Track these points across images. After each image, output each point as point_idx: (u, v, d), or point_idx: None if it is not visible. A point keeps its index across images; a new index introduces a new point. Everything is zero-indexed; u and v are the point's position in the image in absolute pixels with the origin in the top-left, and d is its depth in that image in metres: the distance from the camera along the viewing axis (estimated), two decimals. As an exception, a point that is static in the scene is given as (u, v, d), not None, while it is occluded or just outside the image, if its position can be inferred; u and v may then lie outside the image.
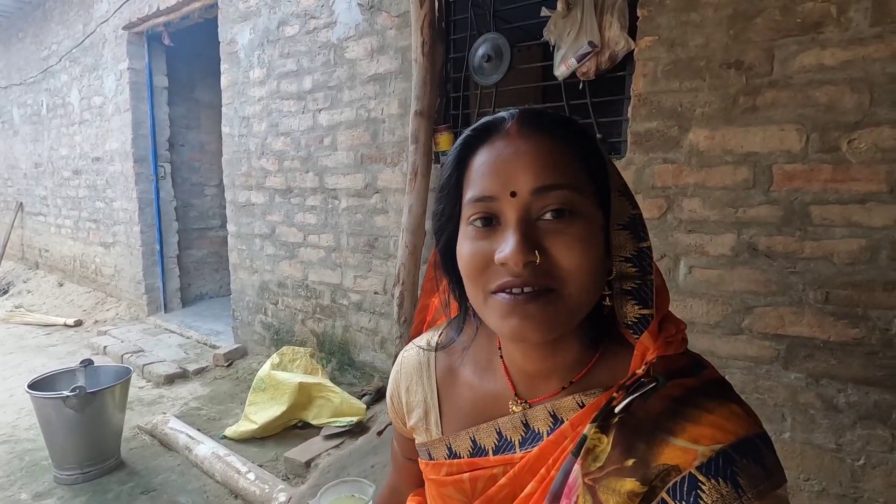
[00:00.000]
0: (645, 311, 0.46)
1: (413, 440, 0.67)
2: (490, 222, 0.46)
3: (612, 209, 0.46)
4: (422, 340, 0.65)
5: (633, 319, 0.47)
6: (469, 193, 0.48)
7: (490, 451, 0.54)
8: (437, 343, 0.63)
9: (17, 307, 4.80)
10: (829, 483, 1.50)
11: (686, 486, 0.40)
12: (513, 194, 0.45)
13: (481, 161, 0.47)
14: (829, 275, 1.45)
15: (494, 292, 0.46)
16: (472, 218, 0.47)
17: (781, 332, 1.52)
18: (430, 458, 0.59)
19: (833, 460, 1.49)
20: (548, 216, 0.45)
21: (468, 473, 0.55)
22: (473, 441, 0.55)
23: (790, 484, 1.55)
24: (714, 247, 1.61)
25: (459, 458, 0.56)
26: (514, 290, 0.45)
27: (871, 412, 1.43)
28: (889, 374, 1.40)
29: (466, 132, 0.50)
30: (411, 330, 0.70)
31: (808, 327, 1.49)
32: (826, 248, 1.45)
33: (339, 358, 2.77)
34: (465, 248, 0.48)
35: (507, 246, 0.44)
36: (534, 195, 0.44)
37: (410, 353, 0.65)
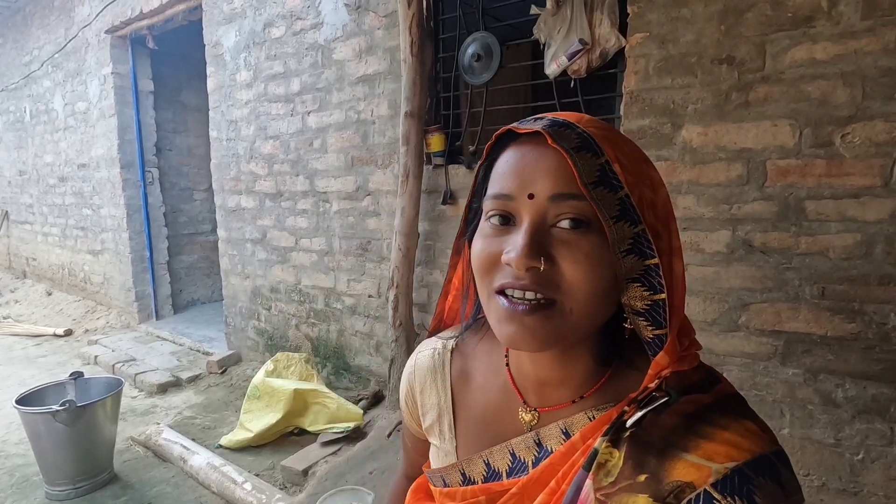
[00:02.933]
0: (658, 332, 0.44)
1: (425, 441, 0.66)
2: (507, 221, 0.46)
3: (609, 238, 0.43)
4: (427, 348, 0.65)
5: (649, 339, 0.45)
6: (490, 190, 0.48)
7: (504, 474, 0.53)
8: (444, 345, 0.62)
9: (4, 318, 4.71)
10: (828, 478, 1.50)
11: (701, 503, 0.39)
12: (530, 196, 0.44)
13: (506, 160, 0.47)
14: (824, 270, 1.45)
15: (498, 292, 0.46)
16: (489, 214, 0.47)
17: (778, 328, 1.52)
18: (445, 485, 0.58)
19: (832, 455, 1.49)
20: (563, 224, 0.44)
21: (483, 497, 0.54)
22: (487, 464, 0.55)
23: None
24: (709, 244, 1.60)
25: (474, 483, 0.55)
26: (516, 296, 0.44)
27: (869, 406, 1.43)
28: (886, 367, 1.40)
29: (502, 130, 0.49)
30: (432, 320, 0.69)
31: (804, 323, 1.48)
32: (821, 243, 1.45)
33: (334, 363, 2.75)
34: (478, 244, 0.48)
35: (514, 248, 0.43)
36: (551, 201, 0.44)
37: (424, 355, 0.64)
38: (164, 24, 3.60)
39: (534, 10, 1.84)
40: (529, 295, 0.43)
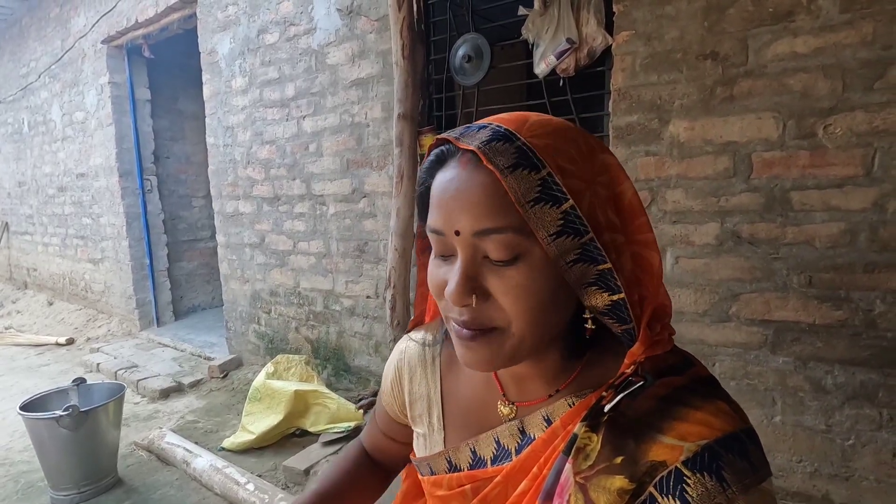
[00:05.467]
0: (626, 327, 0.45)
1: (400, 425, 0.68)
2: (447, 252, 0.47)
3: (550, 257, 0.43)
4: (418, 335, 0.66)
5: (619, 332, 0.47)
6: (428, 219, 0.48)
7: (489, 462, 0.55)
8: (434, 338, 0.64)
9: (7, 328, 4.74)
10: (820, 463, 1.52)
11: (672, 480, 0.41)
12: (457, 233, 0.44)
13: (436, 187, 0.47)
14: (811, 259, 1.47)
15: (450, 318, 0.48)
16: (432, 245, 0.48)
17: (768, 317, 1.55)
18: (432, 473, 0.60)
19: (824, 441, 1.51)
20: (492, 257, 0.44)
21: (469, 485, 0.55)
22: (473, 452, 0.56)
23: (784, 466, 1.57)
24: (699, 236, 1.63)
25: (460, 470, 0.57)
26: (460, 325, 0.46)
27: (858, 392, 1.45)
28: (874, 353, 1.42)
29: (435, 149, 0.49)
30: (411, 323, 0.70)
31: (793, 311, 1.51)
32: (807, 233, 1.47)
33: (334, 364, 2.77)
34: (430, 271, 0.49)
35: (449, 284, 0.45)
36: (475, 237, 0.44)
37: (415, 343, 0.65)
38: (159, 32, 3.64)
39: (522, 10, 1.87)
40: (470, 328, 0.45)
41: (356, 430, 2.24)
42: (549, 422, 0.51)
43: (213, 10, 3.09)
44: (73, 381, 2.23)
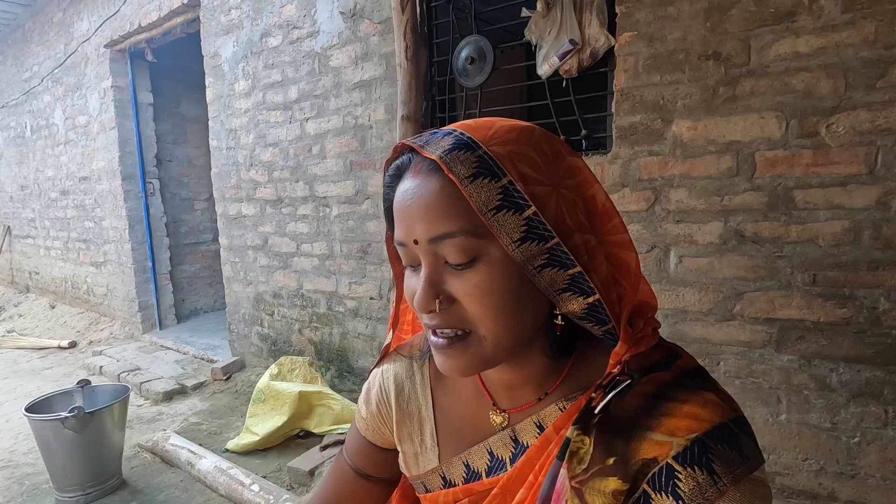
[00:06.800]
0: (607, 328, 0.45)
1: (382, 452, 0.65)
2: (414, 262, 0.48)
3: (516, 260, 0.43)
4: (403, 355, 0.65)
5: (600, 335, 0.47)
6: (395, 233, 0.49)
7: (483, 474, 0.54)
8: (421, 352, 0.63)
9: (9, 332, 4.74)
10: (826, 461, 1.52)
11: (664, 476, 0.41)
12: (415, 242, 0.45)
13: (396, 200, 0.47)
14: (815, 257, 1.48)
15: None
16: (401, 256, 0.49)
17: (772, 315, 1.55)
18: (427, 491, 0.59)
19: (829, 439, 1.51)
20: (449, 261, 0.45)
21: (466, 499, 0.55)
22: (467, 465, 0.55)
23: (789, 464, 1.57)
24: (702, 235, 1.63)
25: (455, 486, 0.56)
26: (437, 332, 0.47)
27: (863, 390, 1.46)
28: (879, 351, 1.43)
29: (394, 161, 0.49)
30: (382, 351, 0.68)
31: (797, 310, 1.51)
32: (811, 232, 1.48)
33: (337, 365, 2.77)
34: (405, 284, 0.50)
35: (417, 293, 0.46)
36: (431, 244, 0.45)
37: (401, 363, 0.64)
38: (162, 36, 3.66)
39: (524, 12, 1.88)
40: (447, 331, 0.46)
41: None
42: (541, 428, 0.51)
43: (216, 14, 3.10)
44: (78, 382, 2.23)
